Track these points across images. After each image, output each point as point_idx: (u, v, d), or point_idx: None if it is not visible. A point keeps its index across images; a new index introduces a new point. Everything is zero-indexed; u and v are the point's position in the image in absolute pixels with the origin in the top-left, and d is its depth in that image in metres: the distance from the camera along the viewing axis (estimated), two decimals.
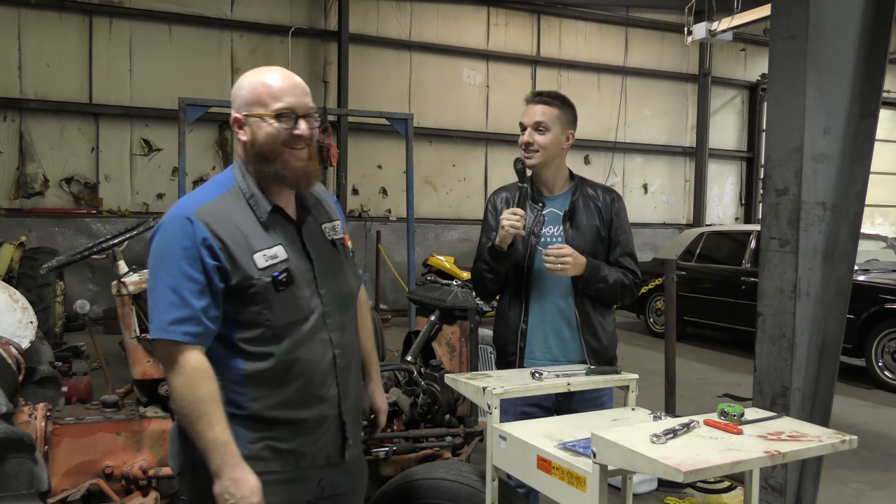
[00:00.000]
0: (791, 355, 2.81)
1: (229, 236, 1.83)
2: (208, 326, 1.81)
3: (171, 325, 1.78)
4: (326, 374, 1.93)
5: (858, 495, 4.51)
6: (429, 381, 3.13)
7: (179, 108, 6.77)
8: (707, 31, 11.34)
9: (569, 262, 2.58)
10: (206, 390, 1.77)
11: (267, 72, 1.90)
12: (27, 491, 2.27)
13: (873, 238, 9.34)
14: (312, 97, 1.98)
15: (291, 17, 11.98)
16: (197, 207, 1.84)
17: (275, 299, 1.84)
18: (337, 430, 1.98)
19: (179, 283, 1.78)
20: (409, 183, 7.80)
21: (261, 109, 1.86)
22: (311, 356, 1.90)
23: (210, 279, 1.80)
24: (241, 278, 1.82)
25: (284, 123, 1.85)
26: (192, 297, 1.78)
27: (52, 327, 7.59)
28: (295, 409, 1.90)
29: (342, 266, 2.02)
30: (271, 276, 1.84)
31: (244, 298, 1.83)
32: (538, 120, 2.73)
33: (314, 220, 2.00)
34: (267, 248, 1.86)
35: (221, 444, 1.76)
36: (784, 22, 2.83)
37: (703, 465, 1.58)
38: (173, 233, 1.82)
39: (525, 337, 2.75)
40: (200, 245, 1.79)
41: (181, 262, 1.79)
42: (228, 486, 1.76)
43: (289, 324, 1.87)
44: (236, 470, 1.77)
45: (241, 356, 1.86)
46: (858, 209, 2.85)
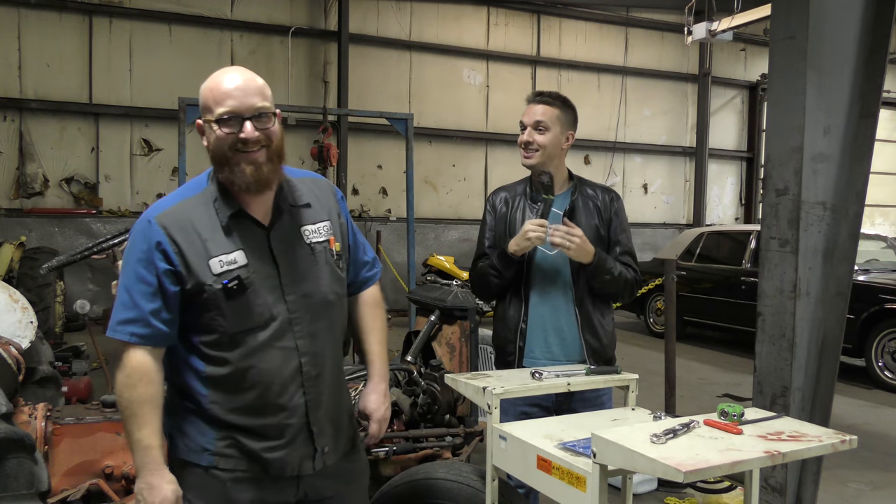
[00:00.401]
0: (791, 355, 2.81)
1: (186, 241, 1.82)
2: (158, 328, 1.82)
3: (118, 325, 1.84)
4: (288, 383, 1.88)
5: (858, 495, 4.51)
6: (429, 381, 3.13)
7: (179, 108, 6.77)
8: (707, 31, 11.35)
9: (577, 241, 2.57)
10: (141, 392, 1.80)
11: (218, 75, 1.87)
12: (27, 491, 2.26)
13: (873, 238, 9.34)
14: (312, 97, 1.96)
15: (291, 17, 11.98)
16: (159, 212, 1.85)
17: (226, 306, 1.82)
18: (305, 440, 1.92)
19: (132, 284, 1.82)
20: (409, 183, 7.80)
21: (209, 115, 1.84)
22: (270, 364, 1.86)
23: (161, 282, 1.81)
24: (194, 283, 1.82)
25: (228, 128, 1.80)
26: (143, 299, 1.81)
27: (52, 327, 7.59)
28: (254, 415, 1.87)
29: (317, 272, 1.94)
30: (221, 284, 1.82)
31: (199, 304, 1.83)
32: (538, 119, 2.74)
33: (290, 224, 1.93)
34: (224, 253, 1.84)
35: (144, 448, 1.79)
36: (784, 22, 2.83)
37: (703, 465, 1.58)
38: (135, 235, 1.86)
39: (524, 336, 2.75)
40: (154, 249, 1.81)
41: (137, 265, 1.82)
42: (142, 489, 1.79)
43: (243, 331, 1.84)
44: (153, 475, 1.79)
45: (201, 358, 1.87)
46: (858, 209, 2.85)
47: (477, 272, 2.85)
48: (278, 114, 1.92)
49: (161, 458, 1.81)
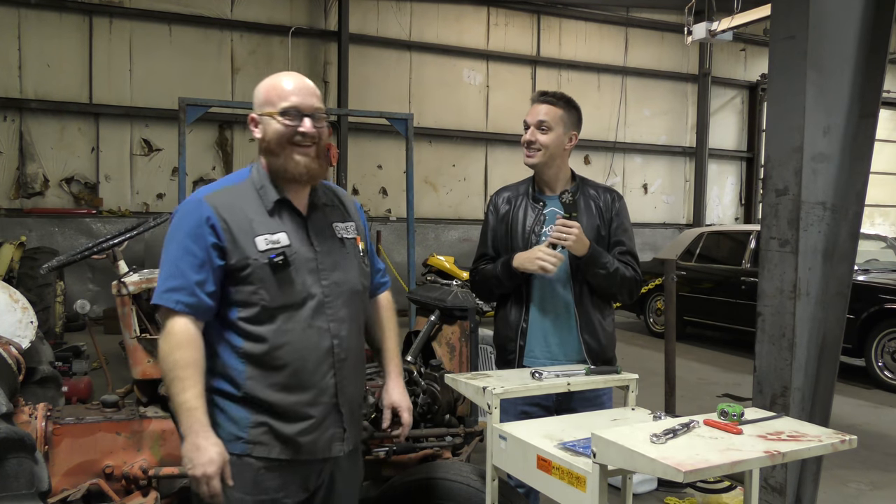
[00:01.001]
0: (791, 355, 2.81)
1: (233, 218, 1.95)
2: (202, 299, 1.91)
3: (165, 293, 1.92)
4: (321, 362, 1.99)
5: (858, 495, 4.51)
6: (429, 381, 3.13)
7: (179, 108, 6.76)
8: (707, 31, 11.35)
9: (574, 233, 2.57)
10: (185, 356, 1.87)
11: (278, 76, 2.04)
12: (27, 491, 2.26)
13: (873, 238, 9.34)
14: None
15: (291, 17, 11.98)
16: (208, 193, 2.00)
17: (270, 280, 1.94)
18: (335, 422, 2.03)
19: (180, 256, 1.92)
20: (409, 183, 7.80)
21: (270, 108, 1.99)
22: (306, 342, 1.97)
23: (209, 256, 1.91)
24: (239, 258, 1.93)
25: (289, 120, 1.97)
26: (190, 269, 1.91)
27: (52, 327, 7.59)
28: (288, 392, 1.95)
29: (349, 262, 2.09)
30: (268, 258, 1.93)
31: (242, 278, 1.93)
32: (541, 119, 2.74)
33: (324, 218, 2.09)
34: (269, 233, 1.97)
35: (190, 409, 1.84)
36: (784, 22, 2.83)
37: (702, 465, 1.58)
38: (184, 213, 1.97)
39: (525, 335, 2.75)
40: (204, 223, 1.92)
41: (185, 238, 1.93)
42: (189, 450, 1.83)
43: (283, 306, 1.95)
44: (199, 436, 1.84)
45: (238, 334, 1.95)
46: (858, 209, 2.85)
47: (479, 275, 2.86)
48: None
49: (206, 420, 1.86)
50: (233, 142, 11.75)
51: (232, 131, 11.71)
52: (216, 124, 11.49)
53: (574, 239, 2.58)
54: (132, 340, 3.03)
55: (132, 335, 3.03)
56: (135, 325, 3.05)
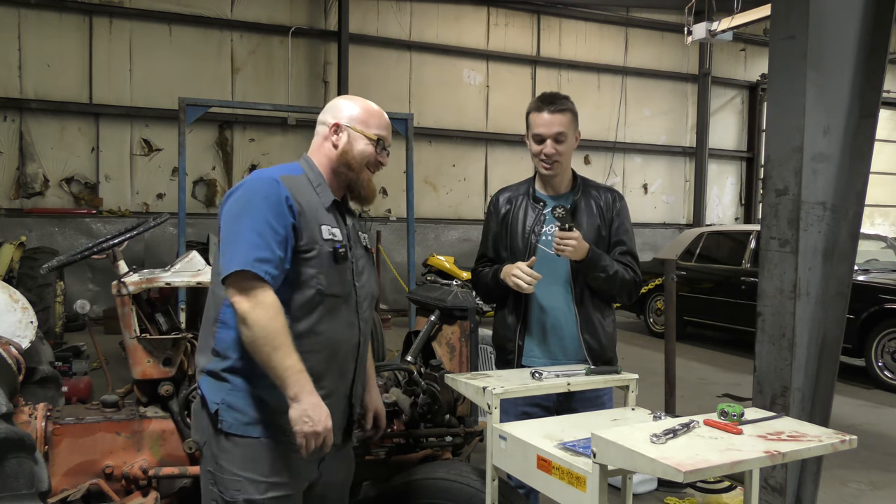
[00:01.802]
0: (791, 355, 2.81)
1: (304, 203, 2.04)
2: (281, 274, 1.97)
3: (256, 262, 1.91)
4: (349, 354, 2.12)
5: (858, 495, 4.51)
6: (429, 381, 3.12)
7: (179, 108, 6.76)
8: (707, 31, 11.35)
9: (572, 244, 2.58)
10: (283, 322, 1.91)
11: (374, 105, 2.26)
12: (27, 491, 2.26)
13: (873, 238, 9.34)
14: (312, 97, 2.18)
15: (291, 17, 11.98)
16: (280, 174, 2.05)
17: (330, 268, 2.05)
18: (344, 412, 2.14)
19: (264, 229, 1.94)
20: (409, 183, 7.80)
21: (362, 127, 2.17)
22: (342, 333, 2.09)
23: (288, 234, 1.98)
24: (308, 241, 2.02)
25: (378, 148, 2.18)
26: (274, 244, 1.95)
27: (52, 327, 7.59)
28: (318, 377, 2.01)
29: (370, 269, 2.25)
30: (332, 247, 2.05)
31: (306, 261, 2.02)
32: (560, 130, 2.70)
33: (354, 225, 2.26)
34: (329, 225, 2.09)
35: (299, 371, 1.90)
36: (784, 22, 2.83)
37: (703, 465, 1.58)
38: (260, 189, 2.00)
39: (524, 335, 2.75)
40: (284, 202, 1.98)
41: (267, 213, 1.96)
42: (307, 409, 1.89)
43: (334, 295, 2.06)
44: (314, 395, 1.91)
45: (286, 315, 1.96)
46: (858, 209, 2.85)
47: (478, 279, 2.93)
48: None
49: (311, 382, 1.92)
50: (233, 142, 11.74)
51: (232, 131, 11.71)
52: (216, 124, 11.49)
53: (573, 248, 2.59)
54: (132, 340, 3.02)
55: (132, 335, 3.02)
56: (135, 325, 3.04)
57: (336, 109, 2.21)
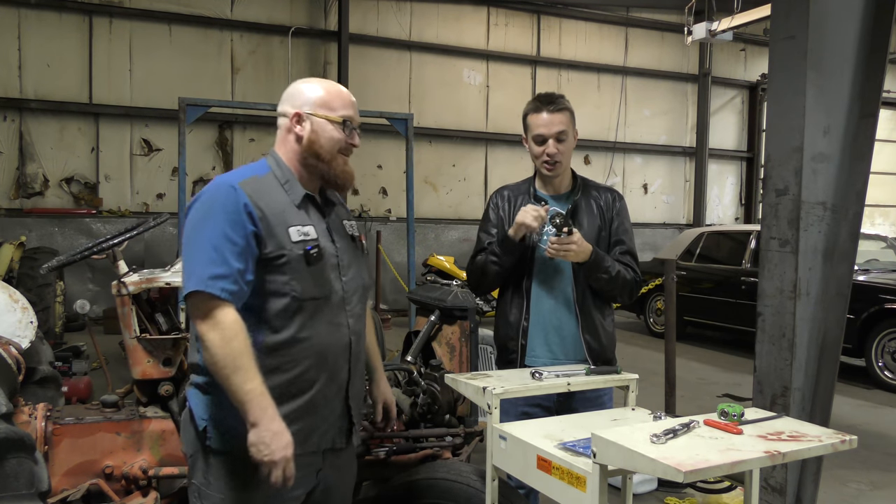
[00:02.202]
0: (791, 355, 2.81)
1: (267, 207, 1.93)
2: (242, 287, 1.88)
3: (210, 280, 1.83)
4: (340, 356, 2.02)
5: (858, 495, 4.51)
6: (429, 381, 3.12)
7: (179, 108, 6.76)
8: (707, 31, 11.35)
9: (573, 248, 2.57)
10: (243, 343, 1.83)
11: (332, 84, 2.10)
12: (27, 491, 2.26)
13: (873, 238, 9.34)
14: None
15: (291, 17, 11.98)
16: (240, 179, 1.95)
17: (303, 272, 1.94)
18: (342, 414, 2.06)
19: (220, 242, 1.86)
20: (409, 183, 7.80)
21: (325, 111, 2.03)
22: (328, 337, 1.99)
23: (248, 244, 1.88)
24: (274, 247, 1.92)
25: (346, 131, 2.05)
26: (232, 257, 1.86)
27: (52, 327, 7.59)
28: (308, 384, 1.96)
29: (359, 260, 2.15)
30: (303, 250, 1.94)
31: (275, 268, 1.92)
32: (561, 129, 2.69)
33: (337, 216, 2.14)
34: (300, 224, 1.97)
35: (259, 395, 1.81)
36: (784, 22, 2.83)
37: (703, 465, 1.58)
38: (217, 198, 1.91)
39: (527, 334, 2.75)
40: (242, 210, 1.89)
41: (223, 224, 1.87)
42: (265, 437, 1.80)
43: (313, 298, 1.96)
44: (275, 422, 1.81)
45: (263, 326, 1.93)
46: (858, 209, 2.85)
47: (475, 264, 2.82)
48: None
49: (274, 405, 1.83)
50: (232, 142, 11.74)
51: (232, 131, 11.71)
52: (216, 124, 11.49)
53: (574, 252, 2.58)
54: (132, 340, 3.03)
55: (132, 335, 3.03)
56: (135, 325, 3.04)
57: (294, 97, 2.07)
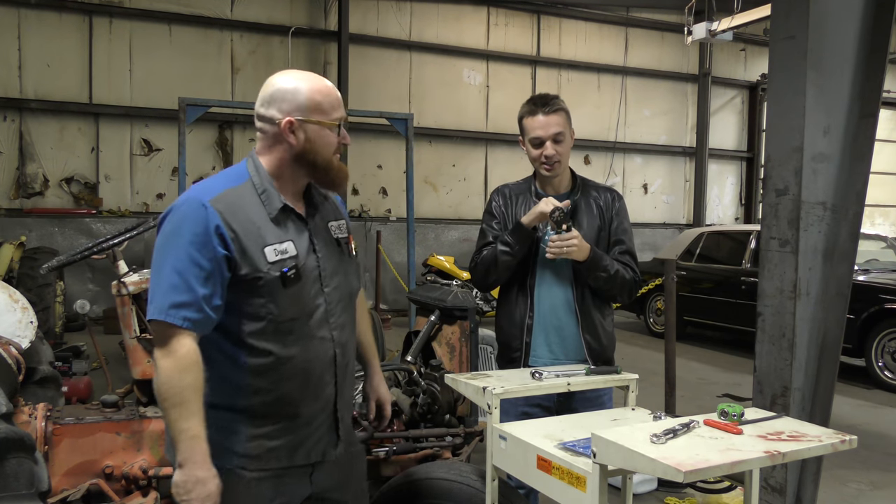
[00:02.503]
0: (791, 355, 2.81)
1: (241, 227, 1.83)
2: (208, 314, 1.79)
3: (171, 309, 1.76)
4: (325, 372, 1.95)
5: (858, 495, 4.51)
6: (429, 381, 3.12)
7: (179, 108, 6.76)
8: (707, 31, 11.36)
9: (575, 244, 2.57)
10: (192, 379, 1.75)
11: (319, 80, 1.94)
12: (27, 491, 2.26)
13: (873, 238, 9.34)
14: None
15: (291, 17, 11.98)
16: (212, 196, 1.83)
17: (281, 294, 1.85)
18: (330, 427, 2.01)
19: (185, 267, 1.77)
20: (409, 183, 7.80)
21: (322, 117, 1.90)
22: (312, 353, 1.92)
23: (217, 267, 1.79)
24: (249, 269, 1.82)
25: (338, 132, 1.94)
26: (197, 283, 1.77)
27: (52, 327, 7.60)
28: (292, 404, 1.91)
29: (345, 265, 2.04)
30: (280, 271, 1.84)
31: (250, 290, 1.84)
32: (558, 130, 2.70)
33: (321, 219, 2.02)
34: (277, 242, 1.87)
35: (192, 437, 1.74)
36: (784, 22, 2.83)
37: (703, 465, 1.58)
38: (186, 217, 1.80)
39: (531, 332, 2.75)
40: (212, 233, 1.79)
41: (190, 247, 1.77)
42: (188, 482, 1.73)
43: (292, 319, 1.88)
44: (201, 468, 1.74)
45: (244, 349, 1.86)
46: (858, 209, 2.85)
47: (483, 257, 2.78)
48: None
49: (208, 450, 1.76)
50: (233, 142, 11.74)
51: (232, 131, 11.71)
52: (216, 124, 11.49)
53: (576, 248, 2.58)
54: (132, 340, 3.03)
55: (132, 335, 3.03)
56: (135, 325, 3.05)
57: (281, 100, 1.88)
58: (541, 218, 2.65)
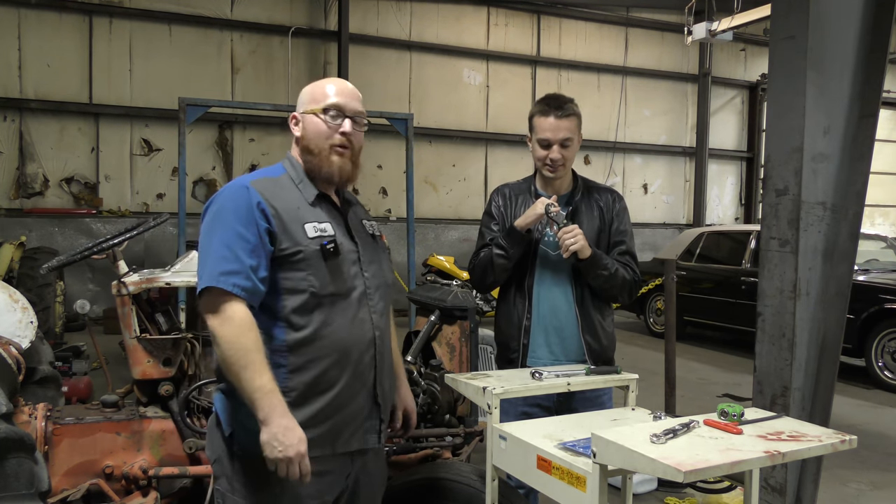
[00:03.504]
0: (791, 355, 2.81)
1: (282, 206, 1.94)
2: (256, 284, 1.87)
3: (222, 276, 1.84)
4: (364, 352, 1.99)
5: (858, 495, 4.51)
6: (429, 381, 3.12)
7: (179, 108, 6.76)
8: (707, 31, 11.36)
9: (580, 232, 2.56)
10: (254, 339, 1.82)
11: (328, 79, 2.11)
12: (27, 491, 2.26)
13: (873, 238, 9.34)
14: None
15: (291, 17, 11.98)
16: (253, 179, 1.98)
17: (321, 267, 1.93)
18: (371, 412, 2.03)
19: (232, 240, 1.87)
20: (409, 183, 7.80)
21: (312, 106, 2.03)
22: (351, 331, 1.97)
23: (262, 240, 1.89)
24: (290, 244, 1.92)
25: (331, 119, 2.00)
26: (244, 254, 1.86)
27: (52, 327, 7.59)
28: (331, 383, 1.94)
29: (381, 257, 2.14)
30: (320, 245, 1.93)
31: (292, 264, 1.92)
32: (568, 136, 2.69)
33: (355, 214, 2.14)
34: (317, 221, 1.98)
35: (269, 392, 1.78)
36: (784, 22, 2.83)
37: (703, 465, 1.58)
38: (229, 198, 1.93)
39: (529, 333, 2.74)
40: (255, 208, 1.90)
41: (235, 223, 1.88)
42: (277, 434, 1.77)
43: (332, 294, 1.95)
44: (285, 418, 1.78)
45: (284, 324, 1.92)
46: (858, 209, 2.85)
47: (479, 259, 2.80)
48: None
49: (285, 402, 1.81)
50: (232, 142, 11.75)
51: (232, 131, 11.71)
52: (216, 124, 11.49)
53: (582, 238, 2.56)
54: (132, 340, 3.03)
55: (132, 335, 3.03)
56: (135, 325, 3.04)
57: (299, 101, 2.09)
58: (536, 220, 2.65)
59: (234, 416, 1.92)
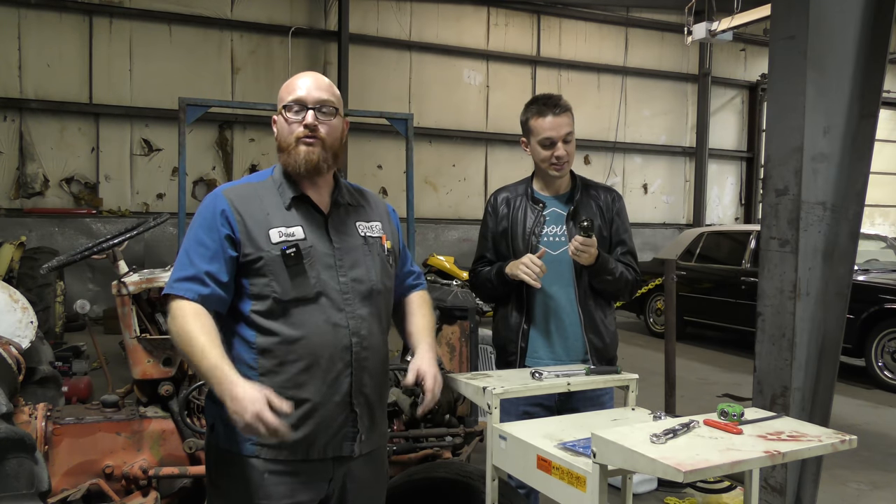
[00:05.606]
0: (791, 355, 2.81)
1: (249, 211, 1.96)
2: (213, 289, 1.90)
3: (176, 283, 1.91)
4: (337, 359, 1.94)
5: (858, 495, 4.51)
6: None
7: (179, 108, 6.75)
8: (707, 31, 11.37)
9: (591, 251, 2.59)
10: (199, 325, 1.84)
11: (296, 76, 2.08)
12: (27, 491, 2.26)
13: (873, 238, 9.34)
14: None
15: (291, 17, 11.98)
16: (227, 187, 2.03)
17: (282, 273, 1.92)
18: (346, 420, 1.98)
19: (192, 248, 1.94)
20: (409, 183, 7.80)
21: (280, 105, 2.04)
22: (322, 338, 1.93)
23: (221, 246, 1.92)
24: (252, 250, 1.93)
25: (292, 114, 2.00)
26: (200, 260, 1.91)
27: (52, 327, 7.60)
28: (299, 388, 1.91)
29: (369, 261, 2.05)
30: (280, 250, 1.92)
31: (255, 270, 1.93)
32: (569, 131, 2.72)
33: (346, 216, 2.08)
34: (284, 226, 1.97)
35: (214, 366, 1.78)
36: (784, 22, 2.83)
37: (703, 465, 1.58)
38: (202, 206, 2.01)
39: (526, 337, 2.75)
40: (218, 216, 1.94)
41: (199, 230, 1.95)
42: (231, 403, 1.75)
43: (294, 299, 1.93)
44: (234, 387, 1.75)
45: (252, 328, 1.94)
46: (858, 209, 2.85)
47: (478, 278, 2.88)
48: (345, 119, 2.10)
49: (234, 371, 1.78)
50: (233, 142, 11.75)
51: (232, 131, 11.71)
52: (216, 124, 11.49)
53: (591, 254, 2.60)
54: (132, 340, 3.03)
55: (132, 335, 3.03)
56: (135, 325, 3.05)
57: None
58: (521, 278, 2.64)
59: (214, 407, 1.92)
